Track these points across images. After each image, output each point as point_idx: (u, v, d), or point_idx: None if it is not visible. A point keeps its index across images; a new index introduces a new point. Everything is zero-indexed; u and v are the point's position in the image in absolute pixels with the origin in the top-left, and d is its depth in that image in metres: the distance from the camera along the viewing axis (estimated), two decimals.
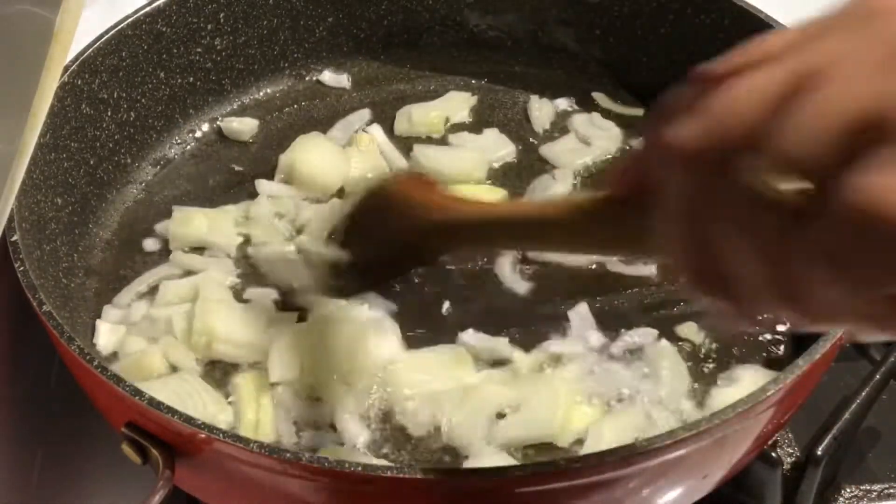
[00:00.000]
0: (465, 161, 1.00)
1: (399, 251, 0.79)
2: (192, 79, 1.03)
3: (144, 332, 0.85)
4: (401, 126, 1.05)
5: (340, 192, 0.97)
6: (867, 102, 0.39)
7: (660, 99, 0.49)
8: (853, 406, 0.85)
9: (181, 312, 0.85)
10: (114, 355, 0.85)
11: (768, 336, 0.86)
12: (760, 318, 0.48)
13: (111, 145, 0.97)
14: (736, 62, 0.46)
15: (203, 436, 0.65)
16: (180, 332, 0.84)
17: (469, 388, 0.80)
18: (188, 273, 0.90)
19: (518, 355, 0.83)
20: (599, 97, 1.07)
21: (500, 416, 0.79)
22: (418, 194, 0.76)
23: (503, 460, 0.75)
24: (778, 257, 0.43)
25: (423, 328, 0.86)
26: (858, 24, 0.41)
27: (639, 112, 1.06)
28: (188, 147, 1.04)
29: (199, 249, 0.92)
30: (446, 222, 0.74)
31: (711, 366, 0.84)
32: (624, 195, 0.55)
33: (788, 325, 0.72)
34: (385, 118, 1.06)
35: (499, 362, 0.83)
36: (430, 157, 1.00)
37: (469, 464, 0.76)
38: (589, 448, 0.76)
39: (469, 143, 1.03)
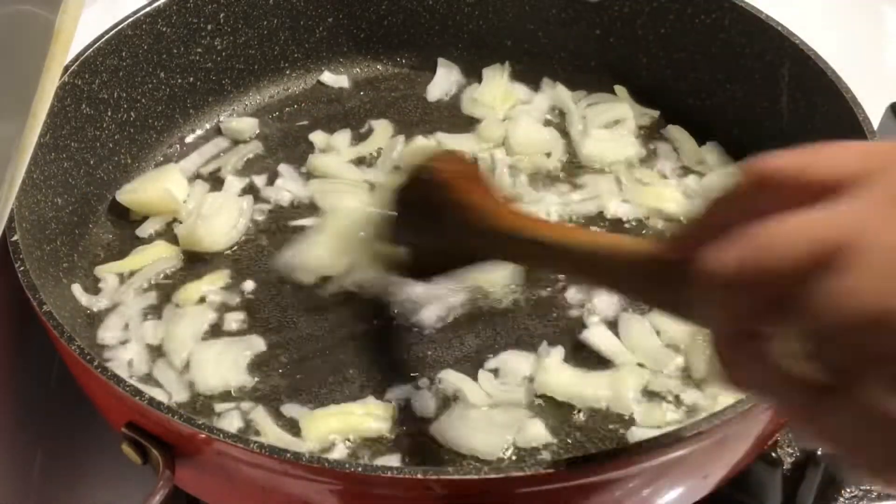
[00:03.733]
0: None
1: (451, 249, 0.77)
2: (192, 79, 1.03)
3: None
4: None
5: None
6: (878, 307, 0.40)
7: (720, 180, 0.51)
8: None
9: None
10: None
11: None
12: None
13: (111, 145, 0.97)
14: (793, 172, 0.46)
15: (203, 436, 0.65)
16: None
17: None
18: (186, 270, 0.91)
19: None
20: (620, 91, 1.07)
21: None
22: (471, 193, 0.75)
23: None
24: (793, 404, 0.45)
25: None
26: None
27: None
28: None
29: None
30: (500, 233, 0.71)
31: None
32: (677, 259, 0.54)
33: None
34: (384, 118, 1.06)
35: None
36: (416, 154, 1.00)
37: None
38: None
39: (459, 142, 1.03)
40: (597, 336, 0.85)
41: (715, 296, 0.46)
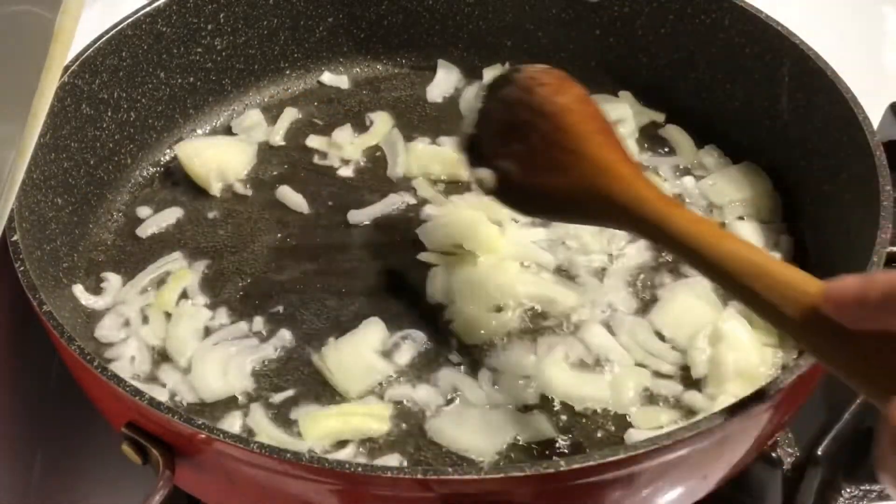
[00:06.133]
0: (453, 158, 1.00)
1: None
2: (192, 79, 1.03)
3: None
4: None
5: None
6: None
7: None
8: (853, 406, 0.85)
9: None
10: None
11: None
12: None
13: (111, 145, 0.97)
14: None
15: (203, 436, 0.65)
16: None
17: None
18: (190, 266, 0.91)
19: None
20: (625, 96, 1.07)
21: None
22: (591, 131, 0.65)
23: None
24: None
25: None
26: None
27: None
28: None
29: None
30: (626, 203, 0.64)
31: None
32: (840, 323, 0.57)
33: None
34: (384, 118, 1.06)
35: None
36: (419, 155, 1.00)
37: None
38: None
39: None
40: (596, 336, 0.85)
41: None
